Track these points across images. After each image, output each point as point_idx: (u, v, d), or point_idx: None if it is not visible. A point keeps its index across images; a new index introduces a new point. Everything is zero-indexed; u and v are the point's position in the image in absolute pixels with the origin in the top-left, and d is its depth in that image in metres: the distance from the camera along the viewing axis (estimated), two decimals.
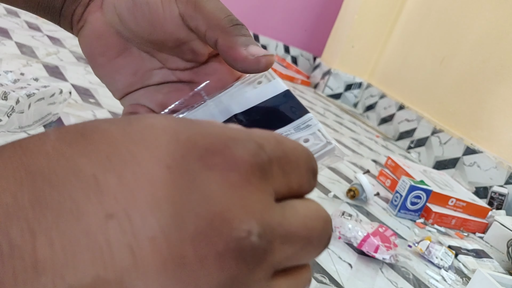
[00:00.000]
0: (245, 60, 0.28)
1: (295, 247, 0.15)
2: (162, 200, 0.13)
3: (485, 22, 1.76)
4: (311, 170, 0.17)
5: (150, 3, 0.30)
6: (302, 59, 2.97)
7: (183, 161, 0.14)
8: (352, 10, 2.43)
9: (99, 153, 0.13)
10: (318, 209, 0.17)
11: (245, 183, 0.14)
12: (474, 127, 1.68)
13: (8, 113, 0.70)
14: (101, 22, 0.32)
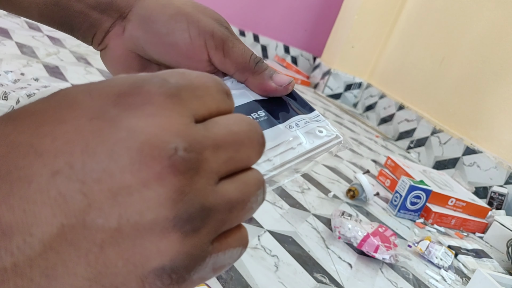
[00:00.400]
0: (276, 90, 0.34)
1: (229, 151, 0.17)
2: (95, 145, 0.15)
3: (485, 22, 1.76)
4: (222, 91, 0.19)
5: (179, 44, 0.32)
6: (302, 59, 2.97)
7: (102, 110, 0.16)
8: (352, 10, 2.43)
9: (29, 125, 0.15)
10: (240, 116, 0.19)
11: (161, 111, 0.16)
12: (474, 127, 1.69)
13: None
14: (123, 48, 0.35)
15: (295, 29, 2.89)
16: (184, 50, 0.32)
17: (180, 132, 0.16)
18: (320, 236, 0.84)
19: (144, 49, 0.34)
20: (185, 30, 0.32)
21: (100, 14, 0.34)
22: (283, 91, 0.34)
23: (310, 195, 1.02)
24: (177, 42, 0.32)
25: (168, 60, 0.33)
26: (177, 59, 0.33)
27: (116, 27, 0.34)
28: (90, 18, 0.34)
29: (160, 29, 0.32)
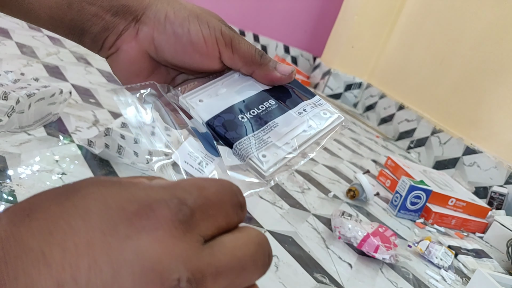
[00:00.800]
0: (281, 79, 0.37)
1: (229, 277, 0.17)
2: (102, 262, 0.15)
3: (485, 22, 1.76)
4: (237, 204, 0.19)
5: (194, 43, 0.35)
6: (302, 59, 2.97)
7: (115, 227, 0.16)
8: (352, 11, 2.43)
9: (42, 230, 0.16)
10: (249, 235, 0.19)
11: (170, 238, 0.16)
12: (474, 127, 1.69)
13: (8, 113, 0.70)
14: (136, 50, 0.36)
15: (295, 29, 2.89)
16: (199, 48, 0.35)
17: (186, 261, 0.16)
18: (320, 236, 0.84)
19: (160, 50, 0.36)
20: (198, 31, 0.35)
21: (113, 16, 0.35)
22: (287, 79, 0.37)
23: (310, 195, 1.02)
24: (192, 42, 0.35)
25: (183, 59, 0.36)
26: (192, 57, 0.36)
27: (130, 30, 0.35)
28: (103, 20, 0.35)
29: (177, 30, 0.34)
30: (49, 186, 0.63)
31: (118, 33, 0.35)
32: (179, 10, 0.35)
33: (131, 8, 0.35)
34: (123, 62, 0.37)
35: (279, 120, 0.34)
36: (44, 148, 0.73)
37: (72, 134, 0.82)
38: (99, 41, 0.36)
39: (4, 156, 0.66)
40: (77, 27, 0.35)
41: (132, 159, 0.77)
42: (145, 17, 0.35)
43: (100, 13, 0.34)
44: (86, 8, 0.34)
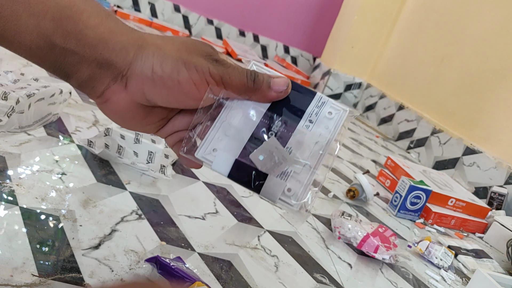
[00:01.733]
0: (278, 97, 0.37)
1: None
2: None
3: (485, 22, 1.76)
4: None
5: (187, 92, 0.35)
6: (302, 60, 2.97)
7: None
8: (352, 11, 2.43)
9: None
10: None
11: None
12: (474, 127, 1.69)
13: (8, 113, 0.70)
14: (127, 101, 0.36)
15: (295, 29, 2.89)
16: (192, 95, 0.35)
17: None
18: (320, 236, 0.84)
19: (152, 101, 0.36)
20: (188, 79, 0.34)
21: (98, 68, 0.34)
22: (284, 95, 0.37)
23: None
24: (184, 91, 0.35)
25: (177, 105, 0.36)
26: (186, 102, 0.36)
27: (118, 83, 0.35)
28: (89, 69, 0.33)
29: (167, 83, 0.34)
30: (49, 186, 0.63)
31: (105, 84, 0.34)
32: (165, 60, 0.34)
33: (115, 63, 0.34)
34: (116, 111, 0.36)
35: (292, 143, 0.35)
36: (44, 148, 0.73)
37: (72, 134, 0.82)
38: (86, 88, 0.35)
39: (4, 156, 0.66)
40: (61, 70, 0.34)
41: (132, 159, 0.77)
42: (131, 72, 0.34)
43: (84, 62, 0.33)
44: (69, 55, 0.33)
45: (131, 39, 0.34)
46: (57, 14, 0.31)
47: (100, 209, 0.62)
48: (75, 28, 0.32)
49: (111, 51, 0.33)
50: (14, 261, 0.47)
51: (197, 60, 0.35)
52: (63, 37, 0.32)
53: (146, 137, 0.79)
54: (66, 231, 0.55)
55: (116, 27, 0.34)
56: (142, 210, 0.67)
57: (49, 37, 0.32)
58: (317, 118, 0.36)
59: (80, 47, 0.32)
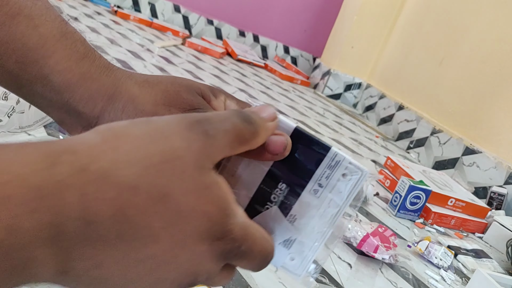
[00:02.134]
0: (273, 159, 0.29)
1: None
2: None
3: (485, 22, 1.76)
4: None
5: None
6: (301, 60, 2.97)
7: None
8: (352, 11, 2.43)
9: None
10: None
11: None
12: (474, 127, 1.69)
13: (8, 113, 0.70)
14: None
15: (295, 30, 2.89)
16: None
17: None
18: None
19: None
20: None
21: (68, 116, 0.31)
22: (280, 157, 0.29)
23: None
24: None
25: None
26: None
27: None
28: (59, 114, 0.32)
29: None
30: None
31: (78, 131, 0.32)
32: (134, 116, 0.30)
33: (83, 115, 0.31)
34: None
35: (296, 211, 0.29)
36: None
37: None
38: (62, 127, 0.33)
39: None
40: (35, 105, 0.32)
41: None
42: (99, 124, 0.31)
43: (54, 106, 0.31)
44: (37, 97, 0.31)
45: (102, 87, 0.31)
46: (21, 57, 0.30)
47: None
48: (40, 72, 0.30)
49: (78, 100, 0.30)
50: None
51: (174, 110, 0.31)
52: (29, 81, 0.30)
53: None
54: None
55: (89, 72, 0.31)
56: None
57: (15, 78, 0.30)
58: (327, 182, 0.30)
59: (47, 92, 0.30)
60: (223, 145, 0.23)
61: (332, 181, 0.30)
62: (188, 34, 2.50)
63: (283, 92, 2.16)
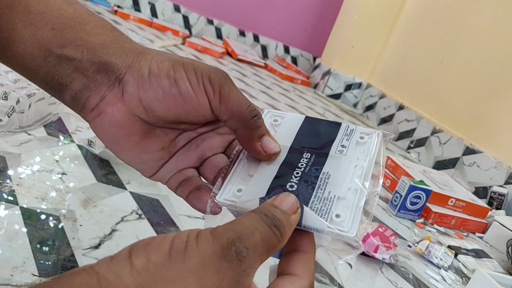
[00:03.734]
0: (259, 153, 0.33)
1: None
2: None
3: (485, 22, 1.76)
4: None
5: (183, 93, 0.32)
6: (302, 59, 2.97)
7: None
8: (352, 11, 2.43)
9: None
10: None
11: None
12: (474, 127, 1.69)
13: (8, 113, 0.70)
14: (123, 113, 0.33)
15: (295, 29, 2.89)
16: (189, 99, 0.32)
17: None
18: None
19: (150, 109, 0.32)
20: (185, 79, 0.32)
21: (95, 74, 0.32)
22: (266, 158, 0.33)
23: None
24: (181, 92, 0.32)
25: (176, 113, 0.33)
26: (185, 109, 0.33)
27: (114, 90, 0.32)
28: (85, 77, 0.32)
29: (163, 83, 0.32)
30: (49, 186, 0.63)
31: (101, 94, 0.32)
32: (163, 61, 0.32)
33: (114, 66, 0.32)
34: (110, 126, 0.33)
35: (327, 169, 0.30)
36: (44, 148, 0.73)
37: (72, 134, 0.82)
38: (80, 100, 0.33)
39: (4, 156, 0.66)
40: (54, 81, 0.32)
41: None
42: (128, 76, 0.32)
43: (80, 69, 0.32)
44: (64, 62, 0.31)
45: (133, 47, 0.33)
46: (58, 24, 0.31)
47: (100, 209, 0.62)
48: (76, 35, 0.31)
49: (111, 54, 0.32)
50: (15, 260, 0.47)
51: (199, 64, 0.32)
52: (61, 45, 0.31)
53: None
54: (66, 231, 0.55)
55: (121, 37, 0.33)
56: (142, 210, 0.67)
57: (44, 46, 0.31)
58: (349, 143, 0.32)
59: (78, 53, 0.31)
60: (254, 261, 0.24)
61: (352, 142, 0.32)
62: (188, 33, 2.50)
63: (283, 92, 2.16)
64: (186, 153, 0.37)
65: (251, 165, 0.33)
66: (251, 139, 0.32)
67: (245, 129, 0.32)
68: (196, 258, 0.22)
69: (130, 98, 0.32)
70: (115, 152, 0.35)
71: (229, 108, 0.32)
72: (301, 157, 0.32)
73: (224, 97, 0.32)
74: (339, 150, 0.32)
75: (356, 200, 0.28)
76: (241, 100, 0.32)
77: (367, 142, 0.33)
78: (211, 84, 0.32)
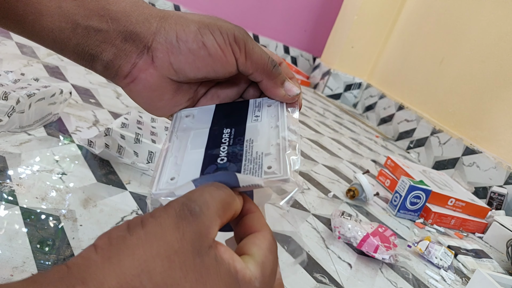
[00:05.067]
0: (283, 98, 0.37)
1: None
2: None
3: (485, 22, 1.76)
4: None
5: (213, 54, 0.34)
6: (301, 60, 2.97)
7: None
8: (352, 11, 2.43)
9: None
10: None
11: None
12: (474, 127, 1.69)
13: (8, 113, 0.70)
14: (156, 77, 0.35)
15: (295, 30, 2.89)
16: (218, 58, 0.34)
17: None
18: (320, 236, 0.84)
19: (181, 72, 0.35)
20: (213, 40, 0.33)
21: (124, 43, 0.33)
22: (289, 100, 0.37)
23: (310, 195, 1.02)
24: (210, 53, 0.34)
25: (205, 73, 0.35)
26: (214, 68, 0.35)
27: (144, 57, 0.34)
28: (114, 47, 0.33)
29: (192, 47, 0.33)
30: (49, 186, 0.63)
31: (132, 62, 0.34)
32: (188, 26, 0.34)
33: (140, 35, 0.33)
34: (144, 90, 0.35)
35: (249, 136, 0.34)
36: (44, 148, 0.73)
37: (72, 134, 0.82)
38: (113, 69, 0.34)
39: (4, 156, 0.66)
40: (85, 52, 0.33)
41: (132, 159, 0.77)
42: (156, 43, 0.34)
43: (108, 39, 0.33)
44: (92, 33, 0.32)
45: (153, 12, 0.34)
46: None
47: (100, 209, 0.62)
48: (97, 5, 0.32)
49: (135, 23, 0.33)
50: (15, 260, 0.47)
51: (222, 24, 0.34)
52: (86, 16, 0.32)
53: (146, 137, 0.79)
54: (66, 231, 0.55)
55: (139, 1, 0.34)
56: (142, 210, 0.67)
57: (71, 18, 0.32)
58: (261, 112, 0.37)
59: (104, 23, 0.32)
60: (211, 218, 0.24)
61: (264, 111, 0.37)
62: None
63: None
64: (207, 101, 0.40)
65: (177, 156, 0.34)
66: (275, 86, 0.36)
67: (269, 79, 0.36)
68: (153, 223, 0.23)
69: (161, 63, 0.34)
70: (149, 111, 0.38)
71: (254, 63, 0.35)
72: (222, 133, 0.35)
73: (249, 53, 0.34)
74: (254, 119, 0.36)
75: (280, 151, 0.32)
76: (263, 54, 0.35)
77: (274, 107, 0.37)
78: (237, 43, 0.34)
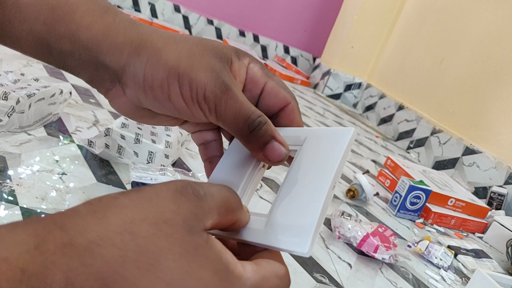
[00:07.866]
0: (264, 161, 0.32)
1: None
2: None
3: (485, 22, 1.76)
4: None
5: (178, 108, 0.31)
6: (301, 60, 2.97)
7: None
8: (352, 11, 2.43)
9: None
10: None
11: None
12: (474, 127, 1.69)
13: (8, 113, 0.70)
14: (129, 104, 0.33)
15: (295, 29, 2.89)
16: (184, 113, 0.32)
17: None
18: (319, 236, 0.84)
19: (152, 107, 0.33)
20: (178, 95, 0.30)
21: (96, 71, 0.32)
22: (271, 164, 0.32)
23: None
24: (175, 107, 0.31)
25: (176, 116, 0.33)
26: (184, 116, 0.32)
27: (116, 87, 0.33)
28: (88, 72, 0.32)
29: (157, 95, 0.31)
30: (49, 186, 0.63)
31: (105, 87, 0.33)
32: (157, 70, 0.30)
33: (109, 67, 0.31)
34: (122, 110, 0.34)
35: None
36: (44, 148, 0.73)
37: (72, 134, 0.82)
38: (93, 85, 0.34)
39: (4, 156, 0.66)
40: (66, 69, 0.33)
41: (132, 159, 0.77)
42: (125, 78, 0.32)
43: (81, 65, 0.32)
44: (66, 57, 0.31)
45: (127, 39, 0.31)
46: (48, 16, 0.30)
47: None
48: (68, 29, 0.30)
49: (105, 53, 0.31)
50: None
51: (196, 75, 0.30)
52: (58, 41, 0.31)
53: (146, 137, 0.79)
54: None
55: (113, 25, 0.31)
56: None
57: (44, 41, 0.31)
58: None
59: (75, 50, 0.31)
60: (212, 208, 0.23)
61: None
62: (188, 34, 2.50)
63: None
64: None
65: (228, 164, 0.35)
66: (251, 149, 0.31)
67: (245, 142, 0.31)
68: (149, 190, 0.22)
69: (131, 97, 0.33)
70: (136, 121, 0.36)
71: (227, 124, 0.31)
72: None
73: (220, 114, 0.30)
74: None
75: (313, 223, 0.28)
76: (238, 114, 0.30)
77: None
78: (206, 102, 0.30)
